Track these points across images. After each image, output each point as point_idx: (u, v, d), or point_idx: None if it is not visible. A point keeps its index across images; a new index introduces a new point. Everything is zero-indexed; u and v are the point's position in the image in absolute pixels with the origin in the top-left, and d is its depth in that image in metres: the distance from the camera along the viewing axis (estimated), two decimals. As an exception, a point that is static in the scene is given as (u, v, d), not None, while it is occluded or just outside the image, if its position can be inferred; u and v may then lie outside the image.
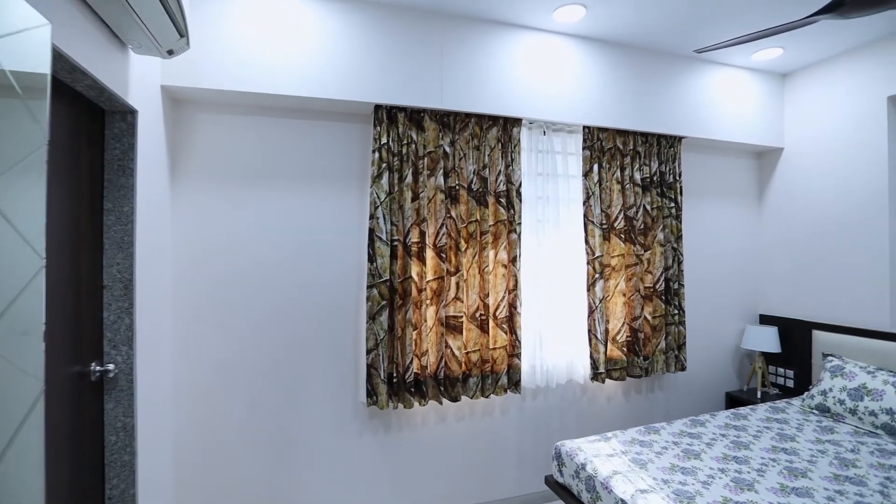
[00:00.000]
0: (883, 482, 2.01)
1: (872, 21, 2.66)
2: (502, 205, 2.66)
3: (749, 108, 3.29)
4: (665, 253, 3.06)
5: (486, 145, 2.66)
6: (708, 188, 3.42)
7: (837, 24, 2.68)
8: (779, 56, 3.09)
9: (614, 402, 3.11)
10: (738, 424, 2.63)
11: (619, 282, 2.93)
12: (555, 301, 2.87)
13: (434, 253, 2.55)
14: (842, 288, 3.10)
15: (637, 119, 2.96)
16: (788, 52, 3.03)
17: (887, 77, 2.85)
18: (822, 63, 3.19)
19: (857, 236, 3.01)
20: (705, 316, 3.41)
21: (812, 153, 3.27)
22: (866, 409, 2.59)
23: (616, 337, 2.92)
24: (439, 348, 2.52)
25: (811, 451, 2.30)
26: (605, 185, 2.92)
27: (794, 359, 3.34)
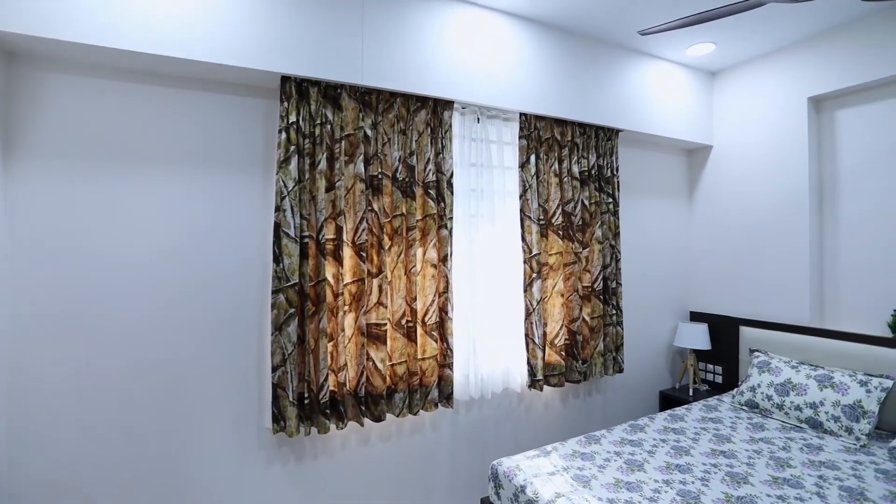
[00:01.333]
0: (817, 482, 1.98)
1: (796, 22, 2.67)
2: (431, 197, 2.37)
3: (682, 104, 3.25)
4: (603, 250, 2.93)
5: (414, 130, 2.36)
6: (642, 184, 3.35)
7: (766, 22, 2.66)
8: (711, 52, 3.06)
9: (552, 409, 2.94)
10: (676, 427, 2.54)
11: (557, 281, 2.75)
12: (490, 304, 2.63)
13: (353, 251, 2.21)
14: (767, 285, 3.13)
15: (576, 109, 2.80)
16: (720, 48, 3.00)
17: (808, 78, 2.90)
18: (748, 63, 3.21)
19: (780, 234, 3.06)
20: (640, 315, 3.34)
21: (739, 152, 3.29)
22: (792, 403, 2.60)
23: (554, 341, 2.74)
24: (359, 361, 2.18)
25: (748, 451, 2.25)
26: (542, 178, 2.72)
27: (723, 355, 3.36)
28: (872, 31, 2.62)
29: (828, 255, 2.93)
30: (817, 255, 2.95)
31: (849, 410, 2.43)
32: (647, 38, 2.88)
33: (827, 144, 2.93)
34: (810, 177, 2.92)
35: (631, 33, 2.82)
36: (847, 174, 2.85)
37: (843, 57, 2.74)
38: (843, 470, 2.10)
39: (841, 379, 2.53)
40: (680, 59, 3.17)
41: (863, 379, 2.49)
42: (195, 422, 2.04)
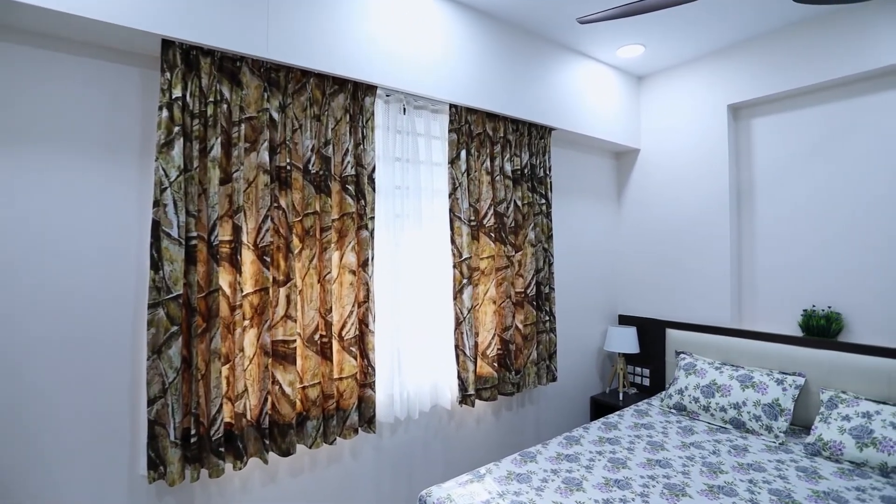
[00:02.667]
0: (749, 487, 1.96)
1: (719, 30, 2.72)
2: (350, 193, 2.08)
3: (612, 106, 3.23)
4: (536, 254, 2.80)
5: (331, 116, 2.06)
6: (573, 185, 3.29)
7: (691, 28, 2.68)
8: (640, 55, 3.06)
9: (484, 424, 2.75)
10: (610, 437, 2.46)
11: (488, 287, 2.57)
12: (416, 313, 2.39)
13: (255, 256, 1.86)
14: (691, 287, 3.19)
15: (509, 103, 2.64)
16: (649, 51, 3.00)
17: (727, 86, 2.98)
18: (673, 68, 3.26)
19: (703, 238, 3.12)
20: (572, 320, 3.27)
21: (664, 156, 3.33)
22: (717, 405, 2.63)
23: (486, 351, 2.55)
24: (263, 386, 1.84)
25: (681, 458, 2.21)
26: (473, 176, 2.53)
27: (651, 357, 3.38)
28: (785, 44, 2.73)
29: (745, 257, 3.03)
30: (736, 258, 3.04)
31: (768, 409, 2.48)
32: (580, 35, 2.80)
33: (744, 151, 3.04)
34: (730, 182, 3.00)
35: (566, 28, 2.72)
36: (762, 180, 2.96)
37: (758, 67, 2.83)
38: (769, 471, 2.10)
39: (760, 378, 2.58)
40: (611, 60, 3.15)
41: (779, 377, 2.56)
42: (45, 473, 1.58)
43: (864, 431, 2.16)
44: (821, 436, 2.28)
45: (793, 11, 2.55)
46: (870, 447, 2.12)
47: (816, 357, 2.55)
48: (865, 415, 2.21)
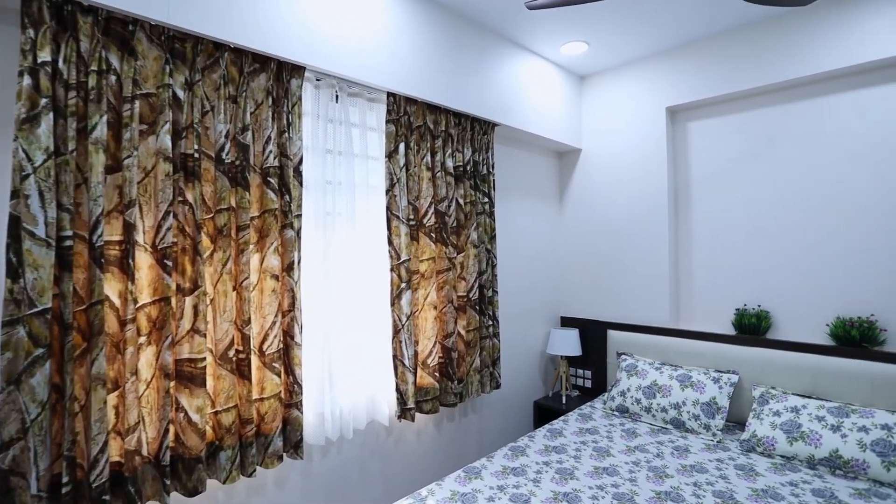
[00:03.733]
0: (694, 491, 1.94)
1: (659, 33, 2.73)
2: (273, 188, 1.82)
3: (555, 104, 3.17)
4: (479, 255, 2.66)
5: (250, 98, 1.79)
6: (515, 184, 3.20)
7: (633, 30, 2.66)
8: (583, 53, 3.02)
9: (425, 438, 2.57)
10: (556, 445, 2.37)
11: (429, 292, 2.40)
12: (350, 322, 2.17)
13: (154, 259, 1.56)
14: (631, 288, 3.20)
15: (451, 95, 2.48)
16: (592, 50, 2.97)
17: (666, 88, 3.01)
18: (614, 69, 3.26)
19: (642, 239, 3.14)
20: (515, 323, 3.17)
21: (605, 157, 3.33)
22: (658, 405, 2.63)
23: (427, 360, 2.38)
24: (163, 415, 1.54)
25: (627, 464, 2.17)
26: (412, 172, 2.35)
27: (592, 359, 3.37)
28: (721, 49, 2.79)
29: (682, 258, 3.08)
30: (674, 259, 3.08)
31: (706, 408, 2.51)
32: (525, 29, 2.70)
33: (681, 153, 3.09)
34: (668, 185, 3.03)
35: (512, 19, 2.61)
36: (697, 183, 3.02)
37: (694, 71, 2.88)
38: (711, 472, 2.09)
39: (698, 377, 2.61)
40: (554, 57, 3.09)
41: (715, 376, 2.60)
42: None
43: (794, 426, 2.22)
44: (754, 432, 2.32)
45: (730, 17, 2.60)
46: (799, 441, 2.18)
47: (748, 354, 2.62)
48: (794, 409, 2.28)
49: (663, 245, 3.02)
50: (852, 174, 2.47)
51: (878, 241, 2.40)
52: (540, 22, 2.63)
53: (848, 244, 2.48)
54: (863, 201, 2.44)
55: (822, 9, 2.44)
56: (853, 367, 2.31)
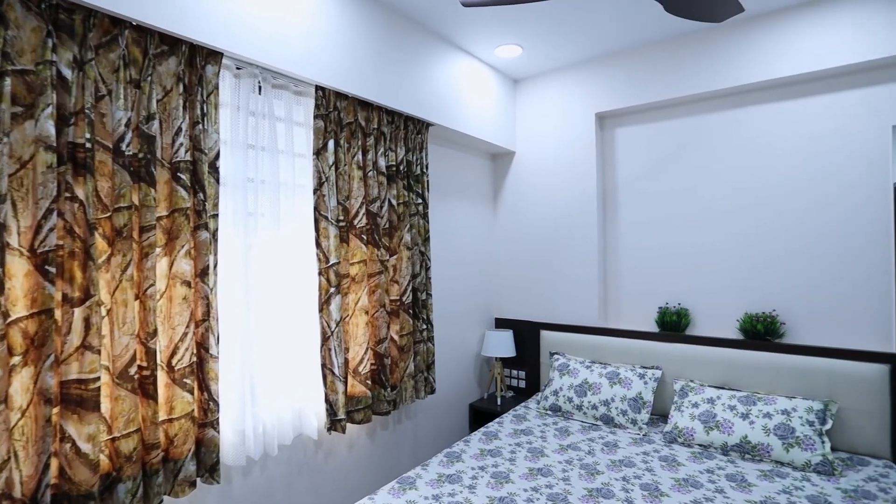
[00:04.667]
0: (623, 486, 2.00)
1: (590, 39, 2.82)
2: (184, 184, 1.65)
3: (489, 106, 3.18)
4: (413, 258, 2.59)
5: (156, 84, 1.60)
6: (450, 185, 3.16)
7: (565, 35, 2.72)
8: (517, 57, 3.05)
9: (357, 449, 2.46)
10: (492, 448, 2.35)
11: (360, 296, 2.29)
12: (274, 330, 2.02)
13: (32, 265, 1.34)
14: (563, 289, 3.28)
15: (385, 92, 2.40)
16: (526, 53, 3.00)
17: (595, 95, 3.12)
18: (547, 74, 3.33)
19: (572, 241, 3.22)
20: (450, 326, 3.13)
21: (538, 161, 3.39)
22: (589, 403, 2.70)
23: (358, 368, 2.27)
24: (43, 447, 1.32)
25: (561, 464, 2.19)
26: (343, 170, 2.23)
27: (526, 359, 3.41)
28: (647, 59, 2.93)
29: (610, 259, 3.20)
30: (603, 260, 3.19)
31: (633, 403, 2.61)
32: (461, 29, 2.68)
33: (610, 159, 3.21)
34: (597, 189, 3.14)
35: (447, 18, 2.56)
36: (624, 187, 3.15)
37: (622, 79, 3.01)
38: (638, 465, 2.17)
39: (625, 374, 2.72)
40: (489, 59, 3.09)
41: (641, 372, 2.72)
42: None
43: (710, 416, 2.37)
44: (676, 424, 2.45)
45: (656, 29, 2.72)
46: (714, 430, 2.32)
47: (670, 350, 2.77)
48: (710, 400, 2.43)
49: (592, 247, 3.13)
50: (757, 182, 2.69)
51: (779, 243, 2.62)
52: (475, 23, 2.62)
53: (753, 246, 2.69)
54: (766, 207, 2.66)
55: (738, 28, 2.63)
56: (759, 358, 2.50)
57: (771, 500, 1.86)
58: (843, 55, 2.36)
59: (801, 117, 2.57)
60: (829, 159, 2.50)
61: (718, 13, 1.76)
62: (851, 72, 2.43)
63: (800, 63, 2.46)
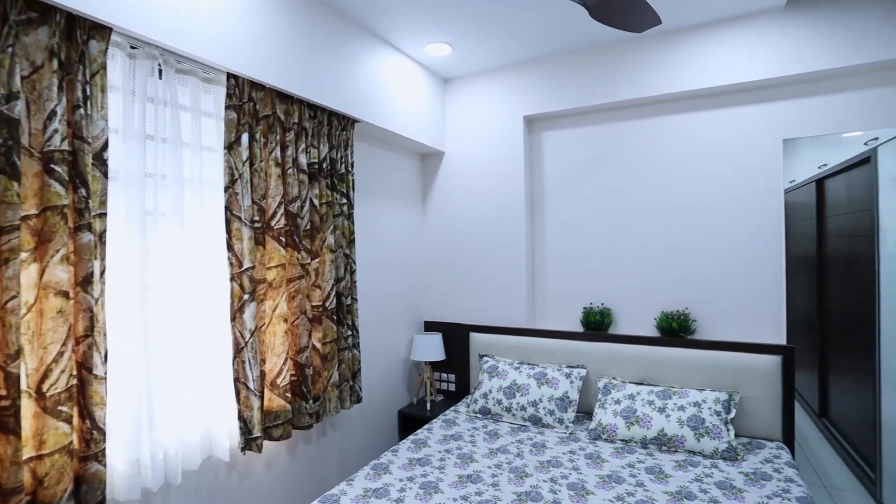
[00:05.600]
0: (551, 487, 2.01)
1: (518, 42, 2.84)
2: (59, 178, 1.41)
3: (418, 105, 3.11)
4: (336, 261, 2.46)
5: (21, 57, 1.36)
6: (377, 185, 3.05)
7: (495, 36, 2.72)
8: (447, 56, 3.00)
9: (278, 467, 2.28)
10: (420, 457, 2.28)
11: (278, 303, 2.12)
12: (177, 343, 1.80)
13: None
14: (492, 290, 3.28)
15: (307, 84, 2.24)
16: (456, 53, 2.96)
17: (523, 98, 3.15)
18: (477, 75, 3.31)
19: (501, 243, 3.24)
20: (377, 332, 3.02)
21: (467, 162, 3.37)
22: (518, 404, 2.71)
23: (276, 380, 2.10)
24: None
25: (490, 468, 2.17)
26: (259, 167, 2.06)
27: (456, 362, 3.37)
28: (573, 65, 3.00)
29: (538, 261, 3.25)
30: (530, 262, 3.24)
31: (559, 402, 2.66)
32: (389, 23, 2.58)
33: (537, 161, 3.26)
34: (525, 191, 3.17)
35: (375, 11, 2.45)
36: (550, 190, 3.22)
37: (550, 84, 3.06)
38: (565, 465, 2.20)
39: (552, 374, 2.76)
40: (419, 56, 3.02)
41: (567, 371, 2.77)
42: None
43: (631, 412, 2.46)
44: (600, 421, 2.52)
45: (583, 36, 2.79)
46: (635, 425, 2.41)
47: (594, 349, 2.85)
48: (630, 396, 2.53)
49: (521, 249, 3.16)
50: (671, 188, 2.85)
51: (690, 246, 2.79)
52: (404, 18, 2.54)
53: (669, 248, 2.85)
54: (679, 212, 2.82)
55: (657, 41, 2.76)
56: (674, 354, 2.65)
57: (685, 490, 1.96)
58: (743, 73, 2.56)
59: (708, 128, 2.76)
60: (732, 169, 2.70)
61: (638, 24, 1.82)
62: (751, 88, 2.65)
63: (708, 77, 2.64)
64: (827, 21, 2.40)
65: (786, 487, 1.97)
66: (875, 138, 2.67)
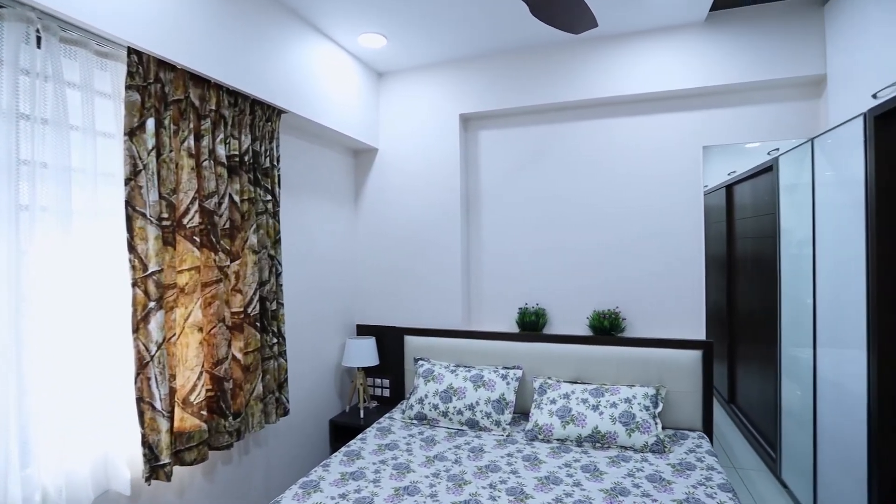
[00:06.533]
0: (491, 493, 1.97)
1: (454, 39, 2.77)
2: None
3: (351, 99, 2.95)
4: (260, 263, 2.25)
5: None
6: (306, 182, 2.86)
7: (431, 32, 2.64)
8: (381, 48, 2.87)
9: (191, 494, 2.03)
10: (354, 471, 2.15)
11: (192, 310, 1.89)
12: (62, 362, 1.53)
13: None
14: (427, 292, 3.20)
15: (227, 69, 2.02)
16: (391, 45, 2.84)
17: (459, 96, 3.10)
18: (412, 70, 3.21)
19: (437, 243, 3.17)
20: (305, 337, 2.83)
21: (401, 160, 3.26)
22: (455, 408, 2.66)
23: (190, 397, 1.87)
24: None
25: (428, 478, 2.10)
26: (168, 157, 1.81)
27: (390, 367, 3.25)
28: (509, 66, 2.99)
29: (474, 262, 3.22)
30: (466, 263, 3.19)
31: (496, 404, 2.63)
32: (320, 9, 2.41)
33: (473, 161, 3.22)
34: (461, 191, 3.12)
35: (293, -9, 2.27)
36: (486, 190, 3.19)
37: (486, 83, 3.03)
38: (503, 469, 2.17)
39: (489, 376, 2.73)
40: (352, 47, 2.86)
41: (503, 373, 2.76)
42: None
43: (566, 411, 2.49)
44: (536, 421, 2.52)
45: (521, 36, 2.78)
46: (570, 424, 2.44)
47: (530, 349, 2.86)
48: (565, 395, 2.55)
49: (456, 249, 3.11)
50: (602, 191, 2.93)
51: (620, 246, 2.89)
52: (337, 4, 2.38)
53: (600, 248, 2.93)
54: (609, 214, 2.91)
55: (592, 45, 2.83)
56: (605, 352, 2.72)
57: (619, 486, 1.99)
58: (668, 81, 2.68)
59: (637, 133, 2.87)
60: (658, 173, 2.82)
61: (576, 25, 1.82)
62: (675, 97, 2.78)
63: (637, 84, 2.74)
64: (739, 38, 2.58)
65: (708, 476, 2.07)
66: (776, 148, 2.92)
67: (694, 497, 1.89)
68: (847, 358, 2.17)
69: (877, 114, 1.97)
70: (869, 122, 2.01)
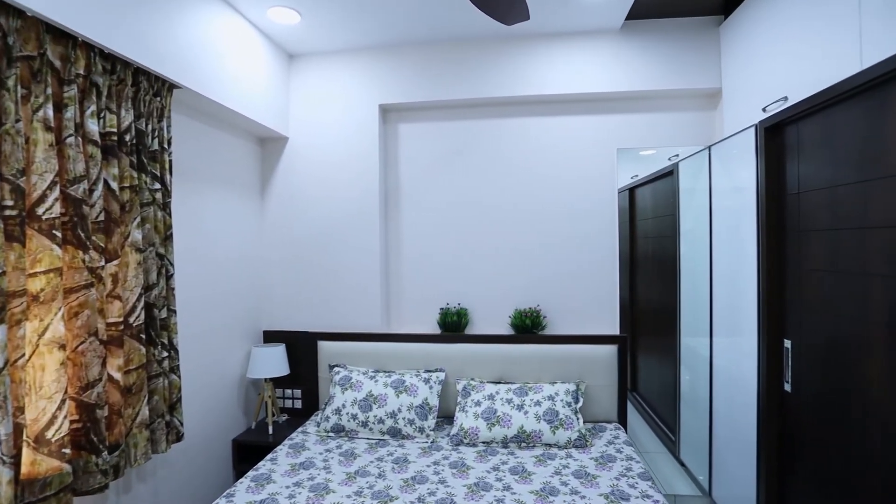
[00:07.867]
0: (418, 509, 1.82)
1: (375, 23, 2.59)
2: None
3: (258, 79, 2.63)
4: (146, 263, 1.90)
5: None
6: (204, 170, 2.50)
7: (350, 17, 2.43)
8: (294, 25, 2.59)
9: (48, 551, 1.63)
10: (264, 499, 1.90)
11: (49, 322, 1.51)
12: None
13: None
14: (343, 294, 2.98)
15: (100, 25, 1.64)
16: (305, 23, 2.57)
17: (379, 85, 2.92)
18: (328, 54, 2.96)
19: (353, 241, 2.96)
20: (203, 348, 2.47)
21: (315, 151, 2.99)
22: (375, 417, 2.49)
23: (46, 433, 1.49)
24: None
25: (350, 499, 1.92)
26: (13, 129, 1.43)
27: (302, 376, 2.98)
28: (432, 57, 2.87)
29: (392, 261, 3.05)
30: (385, 262, 3.02)
31: (419, 410, 2.51)
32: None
33: (392, 155, 3.06)
34: (380, 186, 2.95)
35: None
36: (406, 186, 3.04)
37: (407, 73, 2.89)
38: (431, 480, 2.05)
39: (411, 381, 2.60)
40: (260, 21, 2.55)
41: (425, 376, 2.64)
42: None
43: (491, 412, 2.43)
44: (462, 425, 2.44)
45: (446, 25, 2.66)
46: (496, 425, 2.39)
47: (452, 351, 2.78)
48: (490, 397, 2.50)
49: (374, 248, 2.93)
50: (521, 190, 2.93)
51: (539, 245, 2.92)
52: (237, -34, 2.09)
53: (520, 247, 2.93)
54: (529, 212, 2.92)
55: (514, 44, 2.81)
56: (527, 350, 2.72)
57: (548, 486, 1.97)
58: (585, 84, 2.76)
59: (555, 134, 2.92)
60: (574, 173, 2.89)
61: (509, 15, 1.76)
62: (592, 99, 2.87)
63: (556, 85, 2.78)
64: (648, 48, 2.72)
65: (628, 466, 2.13)
66: (676, 154, 3.15)
67: (618, 489, 1.93)
68: (739, 346, 2.37)
69: (766, 125, 2.16)
70: (760, 133, 2.21)
